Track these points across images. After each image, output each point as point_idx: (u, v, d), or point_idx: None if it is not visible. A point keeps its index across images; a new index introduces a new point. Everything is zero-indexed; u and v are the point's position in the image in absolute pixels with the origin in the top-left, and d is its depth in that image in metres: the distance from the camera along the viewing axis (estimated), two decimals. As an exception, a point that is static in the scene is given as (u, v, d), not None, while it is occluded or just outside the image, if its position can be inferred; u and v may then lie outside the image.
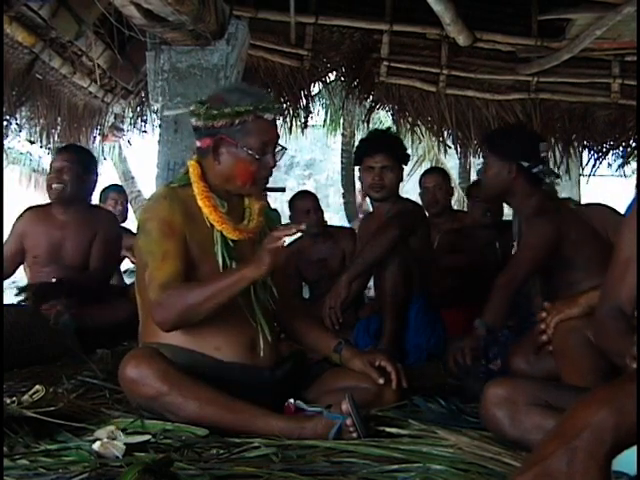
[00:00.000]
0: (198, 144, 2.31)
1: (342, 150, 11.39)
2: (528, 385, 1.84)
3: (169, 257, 2.19)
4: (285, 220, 4.47)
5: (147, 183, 11.53)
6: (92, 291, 3.87)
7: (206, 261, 2.24)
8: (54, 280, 3.78)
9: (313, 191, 5.19)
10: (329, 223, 4.91)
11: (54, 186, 3.89)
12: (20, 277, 4.32)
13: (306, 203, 4.61)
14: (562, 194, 5.75)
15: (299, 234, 2.08)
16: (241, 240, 2.29)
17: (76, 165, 3.92)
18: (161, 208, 2.25)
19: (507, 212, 5.77)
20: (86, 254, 3.97)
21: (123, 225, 5.26)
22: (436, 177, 4.93)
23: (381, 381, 2.25)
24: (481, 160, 6.32)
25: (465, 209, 9.49)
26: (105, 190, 5.49)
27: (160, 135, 4.15)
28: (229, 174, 2.28)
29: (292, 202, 4.68)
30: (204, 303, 2.13)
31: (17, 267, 4.06)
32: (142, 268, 2.24)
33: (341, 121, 11.07)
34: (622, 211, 2.28)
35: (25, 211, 4.08)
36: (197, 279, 2.23)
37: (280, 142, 2.33)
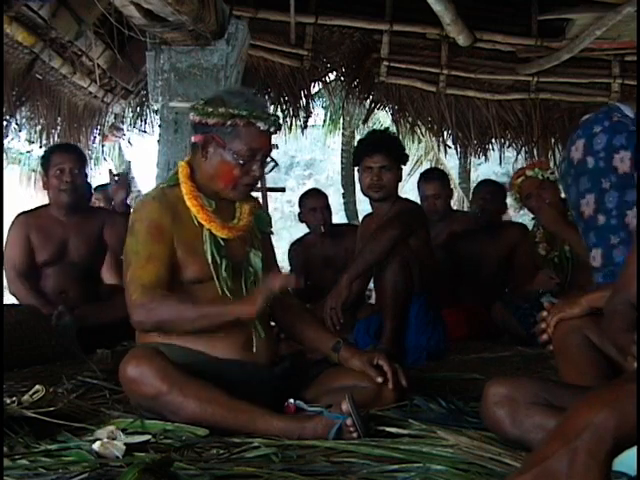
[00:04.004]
0: (192, 139, 2.34)
1: (342, 150, 11.41)
2: (529, 384, 1.84)
3: (153, 260, 2.21)
4: (285, 221, 4.48)
5: (147, 183, 11.54)
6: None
7: (195, 261, 2.25)
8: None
9: (314, 191, 5.21)
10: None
11: (66, 188, 3.78)
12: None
13: (313, 201, 4.79)
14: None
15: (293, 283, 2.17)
16: (231, 239, 2.31)
17: (81, 164, 3.90)
18: (150, 209, 2.27)
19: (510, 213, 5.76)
20: (91, 252, 3.94)
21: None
22: (434, 185, 4.72)
23: (379, 380, 2.24)
24: (482, 159, 6.32)
25: (464, 209, 9.49)
26: (97, 189, 5.47)
27: (160, 135, 4.15)
28: (213, 173, 2.30)
29: (302, 199, 4.87)
30: (186, 321, 2.17)
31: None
32: (127, 267, 2.25)
33: (341, 121, 11.09)
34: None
35: (18, 216, 3.90)
36: (185, 280, 2.25)
37: (272, 155, 2.34)
